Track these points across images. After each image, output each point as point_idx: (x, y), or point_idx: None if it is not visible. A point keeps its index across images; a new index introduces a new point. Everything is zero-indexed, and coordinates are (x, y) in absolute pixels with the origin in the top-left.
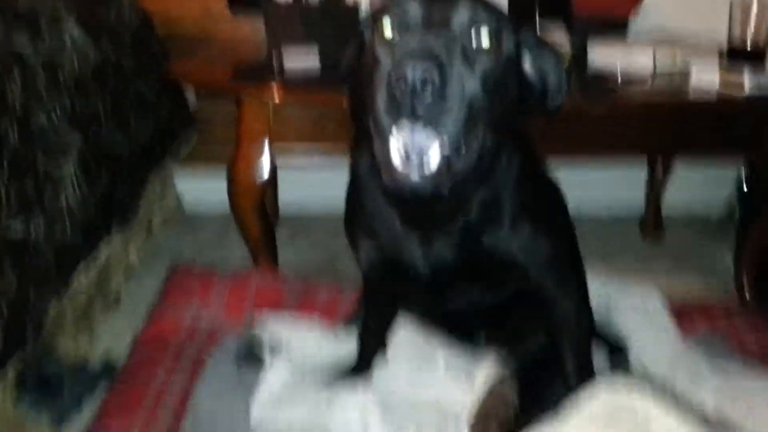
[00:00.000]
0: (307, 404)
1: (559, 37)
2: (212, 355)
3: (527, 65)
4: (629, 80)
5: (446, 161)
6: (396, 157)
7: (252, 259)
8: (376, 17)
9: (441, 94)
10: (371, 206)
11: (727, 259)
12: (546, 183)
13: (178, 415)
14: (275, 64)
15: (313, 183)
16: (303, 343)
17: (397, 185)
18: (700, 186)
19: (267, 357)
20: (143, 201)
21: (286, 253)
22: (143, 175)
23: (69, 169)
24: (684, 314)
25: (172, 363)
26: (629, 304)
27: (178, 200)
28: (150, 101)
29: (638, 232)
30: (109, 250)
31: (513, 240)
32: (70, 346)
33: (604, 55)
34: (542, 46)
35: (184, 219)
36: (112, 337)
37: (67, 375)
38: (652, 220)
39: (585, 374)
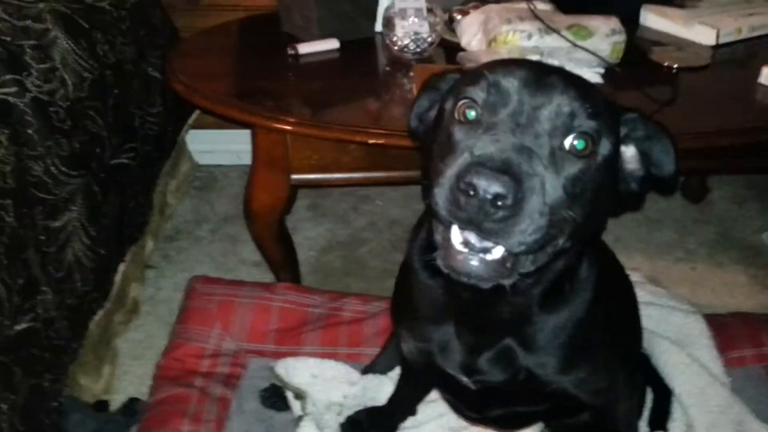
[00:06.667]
0: None
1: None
2: (238, 394)
3: (628, 156)
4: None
5: (513, 255)
6: (456, 238)
7: (274, 276)
8: (461, 91)
9: (514, 212)
10: (421, 302)
11: None
12: (619, 294)
13: None
14: None
15: None
16: (327, 390)
17: (454, 269)
18: None
19: (292, 403)
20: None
21: (306, 229)
22: (156, 171)
23: (73, 215)
24: (728, 338)
25: (198, 403)
26: (672, 336)
27: (191, 160)
28: (155, 84)
29: (681, 196)
30: (124, 266)
31: (569, 377)
32: (90, 379)
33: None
34: (648, 132)
35: (200, 175)
36: (134, 361)
37: (89, 423)
38: (695, 181)
39: None
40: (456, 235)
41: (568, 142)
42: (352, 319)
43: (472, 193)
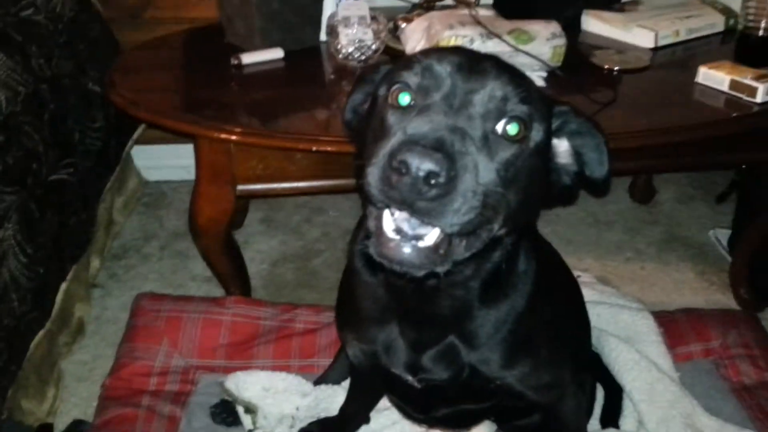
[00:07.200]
0: None
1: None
2: (187, 411)
3: (561, 150)
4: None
5: (447, 239)
6: (388, 226)
7: (223, 289)
8: (394, 76)
9: (447, 190)
10: (364, 302)
11: (722, 237)
12: (561, 288)
13: None
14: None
15: None
16: (279, 403)
17: (386, 257)
18: None
19: (243, 418)
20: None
21: (258, 242)
22: (99, 187)
23: (7, 233)
24: (676, 334)
25: (146, 423)
26: (621, 334)
27: (139, 176)
28: (96, 98)
29: (629, 198)
30: (66, 285)
31: (512, 371)
32: (33, 402)
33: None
34: (580, 127)
35: (149, 192)
36: (80, 382)
37: None
38: (642, 182)
39: None
40: (388, 222)
41: (501, 126)
42: (304, 330)
43: (404, 171)
